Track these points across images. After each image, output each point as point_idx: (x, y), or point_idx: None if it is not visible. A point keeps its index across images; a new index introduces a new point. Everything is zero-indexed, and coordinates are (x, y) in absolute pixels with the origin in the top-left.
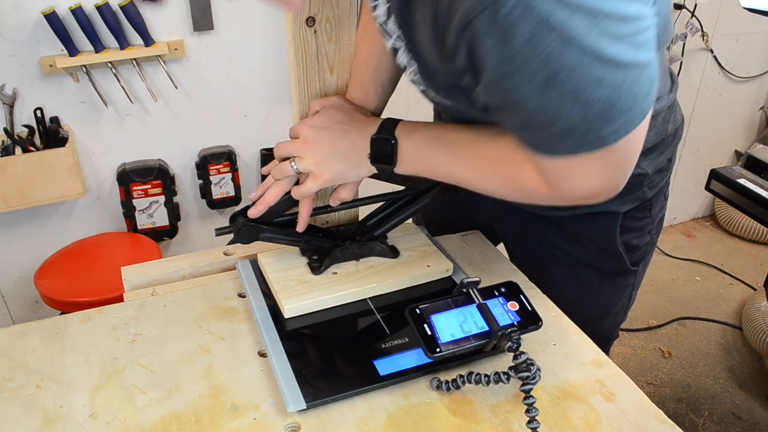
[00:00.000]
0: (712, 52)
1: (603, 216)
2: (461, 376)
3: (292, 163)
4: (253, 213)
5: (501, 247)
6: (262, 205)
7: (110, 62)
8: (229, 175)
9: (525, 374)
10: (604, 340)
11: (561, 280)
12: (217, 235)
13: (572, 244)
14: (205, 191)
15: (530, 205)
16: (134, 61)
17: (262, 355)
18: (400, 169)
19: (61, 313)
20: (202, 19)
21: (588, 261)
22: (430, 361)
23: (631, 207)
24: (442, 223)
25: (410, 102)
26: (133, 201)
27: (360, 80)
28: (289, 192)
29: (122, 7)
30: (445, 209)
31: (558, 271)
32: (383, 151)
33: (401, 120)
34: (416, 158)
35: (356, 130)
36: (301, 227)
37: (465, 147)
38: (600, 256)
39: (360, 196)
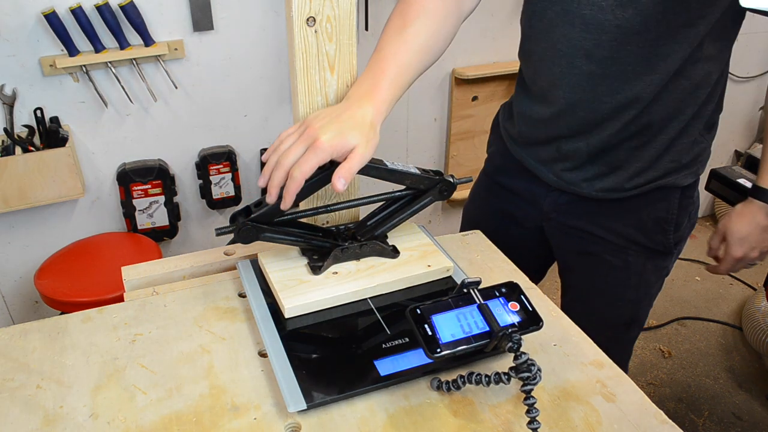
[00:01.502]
0: None
1: (668, 190)
2: (462, 376)
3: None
4: (286, 203)
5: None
6: (296, 184)
7: (110, 62)
8: (229, 175)
9: (525, 375)
10: (637, 324)
11: (607, 264)
12: (218, 234)
13: (628, 225)
14: (205, 191)
15: (598, 188)
16: (134, 61)
17: (263, 355)
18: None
19: (61, 313)
20: (202, 19)
21: (637, 239)
22: (430, 361)
23: (689, 183)
24: (491, 219)
25: (410, 102)
26: (133, 201)
27: (385, 73)
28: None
29: (122, 7)
30: (500, 201)
31: (605, 253)
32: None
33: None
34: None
35: (353, 105)
36: (287, 204)
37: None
38: (653, 230)
39: (360, 196)
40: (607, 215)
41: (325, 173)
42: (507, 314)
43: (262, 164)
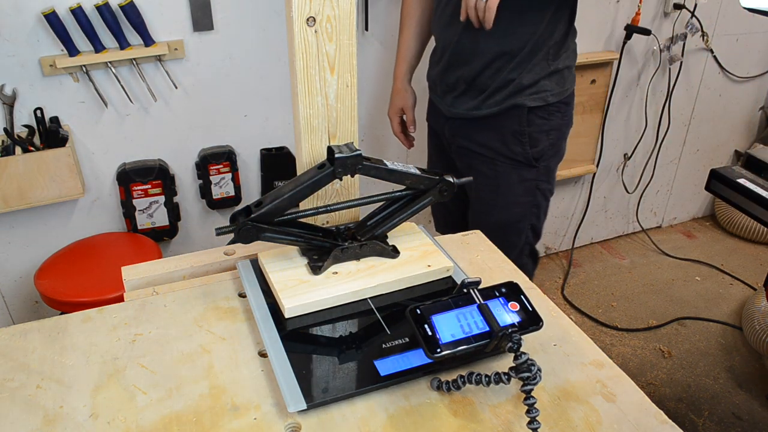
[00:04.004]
0: (712, 52)
1: (517, 108)
2: (462, 376)
3: None
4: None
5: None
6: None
7: (110, 62)
8: (229, 175)
9: (525, 375)
10: (515, 231)
11: (484, 174)
12: (218, 234)
13: (493, 138)
14: (205, 191)
15: (466, 108)
16: (134, 61)
17: (263, 355)
18: None
19: (61, 313)
20: (202, 19)
21: (501, 150)
22: (430, 361)
23: (535, 105)
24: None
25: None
26: (133, 201)
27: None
28: (291, 191)
29: (122, 7)
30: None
31: (482, 166)
32: None
33: None
34: None
35: None
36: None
37: None
38: (511, 141)
39: (360, 196)
40: (479, 132)
41: (325, 173)
42: (507, 314)
43: (262, 164)
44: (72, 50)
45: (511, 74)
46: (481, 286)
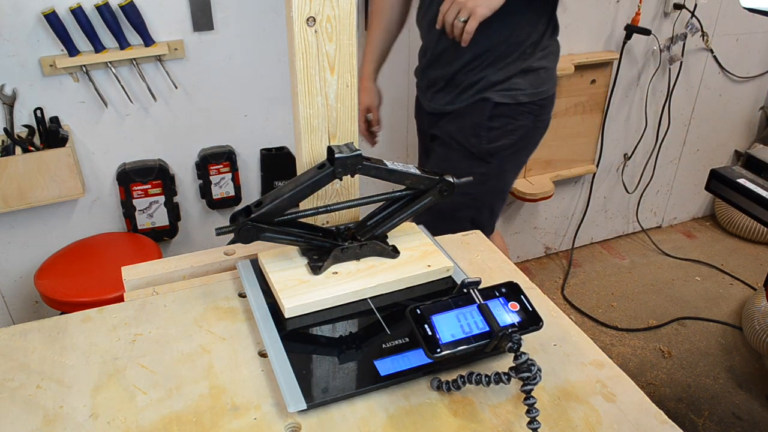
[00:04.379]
0: (712, 52)
1: (484, 101)
2: (462, 376)
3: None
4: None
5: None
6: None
7: (110, 62)
8: (229, 175)
9: (525, 375)
10: (452, 222)
11: (438, 157)
12: (218, 234)
13: (455, 127)
14: (205, 191)
15: (441, 103)
16: (134, 61)
17: (263, 355)
18: None
19: (61, 313)
20: (202, 19)
21: (458, 137)
22: (430, 361)
23: (503, 102)
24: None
25: (410, 102)
26: (133, 201)
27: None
28: (291, 191)
29: (122, 7)
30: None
31: (438, 149)
32: None
33: None
34: None
35: None
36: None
37: None
38: (469, 132)
39: (360, 196)
40: (447, 123)
41: (325, 173)
42: (507, 314)
43: (262, 164)
44: (72, 50)
45: (485, 71)
46: (481, 286)
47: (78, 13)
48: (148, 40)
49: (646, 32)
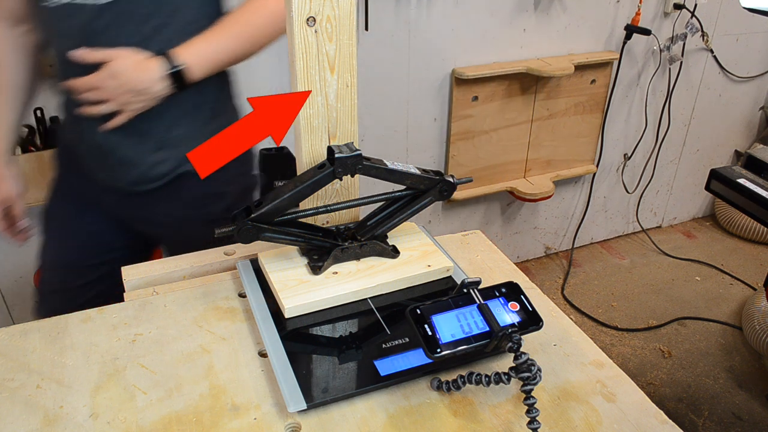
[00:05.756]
0: (712, 52)
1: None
2: (462, 376)
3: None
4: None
5: (500, 248)
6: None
7: None
8: None
9: (525, 375)
10: None
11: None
12: (217, 235)
13: (219, 203)
14: None
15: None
16: None
17: (263, 355)
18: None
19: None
20: None
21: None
22: (430, 361)
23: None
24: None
25: (410, 103)
26: None
27: None
28: (291, 191)
29: None
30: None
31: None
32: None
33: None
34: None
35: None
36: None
37: (228, 27)
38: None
39: (360, 196)
40: (214, 201)
41: (325, 173)
42: (507, 314)
43: (262, 164)
44: None
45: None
46: (481, 286)
47: None
48: None
49: (646, 32)
